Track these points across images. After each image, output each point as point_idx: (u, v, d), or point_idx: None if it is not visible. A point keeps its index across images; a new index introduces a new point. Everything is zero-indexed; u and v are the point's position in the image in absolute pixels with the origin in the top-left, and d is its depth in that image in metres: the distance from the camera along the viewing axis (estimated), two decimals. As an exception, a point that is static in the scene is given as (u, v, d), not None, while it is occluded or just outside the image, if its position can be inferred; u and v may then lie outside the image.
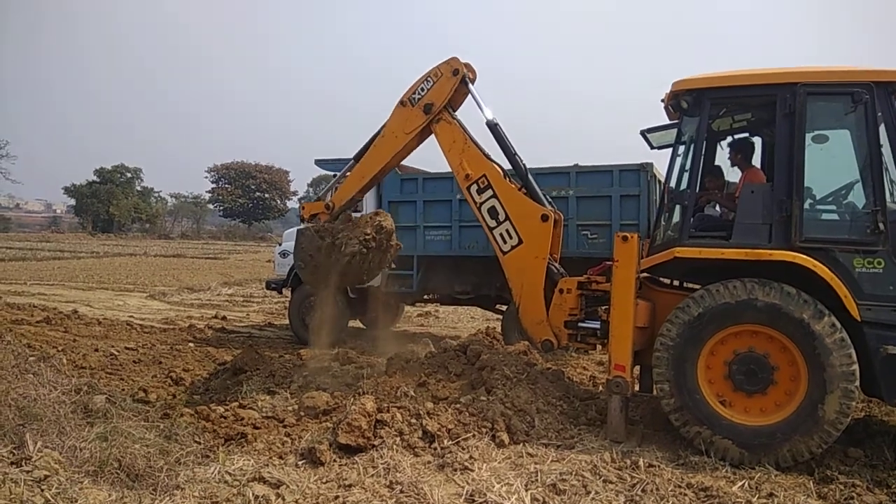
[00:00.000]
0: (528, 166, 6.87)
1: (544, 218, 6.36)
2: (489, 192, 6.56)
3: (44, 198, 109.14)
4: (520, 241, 6.41)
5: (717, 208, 6.22)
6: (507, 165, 6.93)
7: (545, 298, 6.25)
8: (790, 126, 5.13)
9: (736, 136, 6.32)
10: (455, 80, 6.73)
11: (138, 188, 76.36)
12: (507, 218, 6.47)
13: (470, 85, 6.81)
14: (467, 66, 6.80)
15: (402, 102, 6.93)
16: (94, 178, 72.76)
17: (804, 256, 4.96)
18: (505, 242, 6.49)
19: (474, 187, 6.64)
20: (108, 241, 51.98)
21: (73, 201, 76.18)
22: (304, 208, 7.79)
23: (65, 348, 8.94)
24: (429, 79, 6.81)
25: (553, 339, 6.16)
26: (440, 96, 6.77)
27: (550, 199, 6.89)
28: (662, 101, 5.97)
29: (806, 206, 5.21)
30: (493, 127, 6.79)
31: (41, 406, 4.89)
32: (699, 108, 5.50)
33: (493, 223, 6.55)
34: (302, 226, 7.73)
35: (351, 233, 7.02)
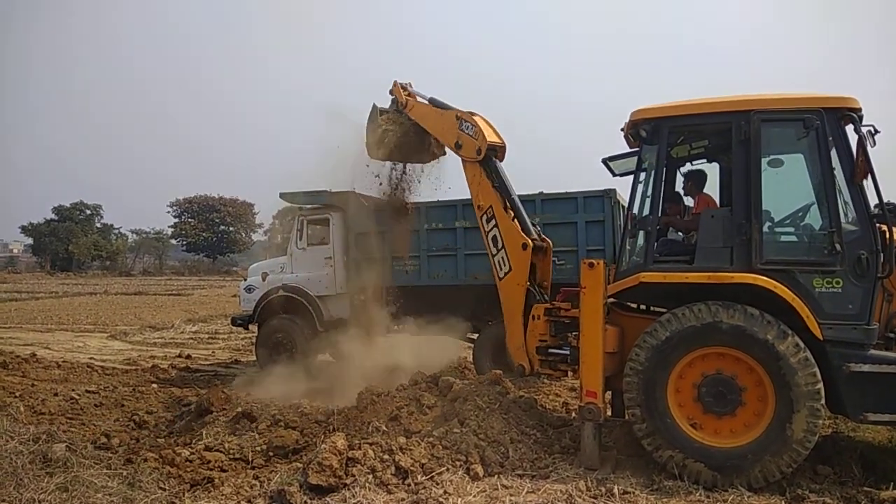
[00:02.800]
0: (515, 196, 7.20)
1: (524, 246, 6.66)
2: (493, 222, 6.99)
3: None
4: (510, 269, 6.72)
5: (679, 233, 6.34)
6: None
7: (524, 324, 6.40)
8: (746, 152, 5.27)
9: (688, 168, 6.48)
10: (474, 157, 7.13)
11: (98, 225, 74.77)
12: (503, 246, 6.85)
13: (493, 161, 7.14)
14: (501, 148, 7.23)
15: (457, 115, 7.36)
16: (53, 216, 71.11)
17: (765, 278, 5.06)
18: (500, 269, 6.86)
19: (484, 216, 7.11)
20: (68, 280, 50.58)
21: (30, 240, 74.18)
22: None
23: (22, 394, 8.64)
24: (474, 127, 7.14)
25: (526, 363, 6.33)
26: (465, 150, 7.22)
27: (539, 229, 7.22)
28: (622, 129, 6.10)
29: (765, 228, 5.34)
30: (489, 163, 7.13)
31: (-3, 458, 4.69)
32: (657, 136, 5.64)
33: (494, 250, 6.95)
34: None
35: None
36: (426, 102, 8.01)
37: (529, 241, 6.70)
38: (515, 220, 6.95)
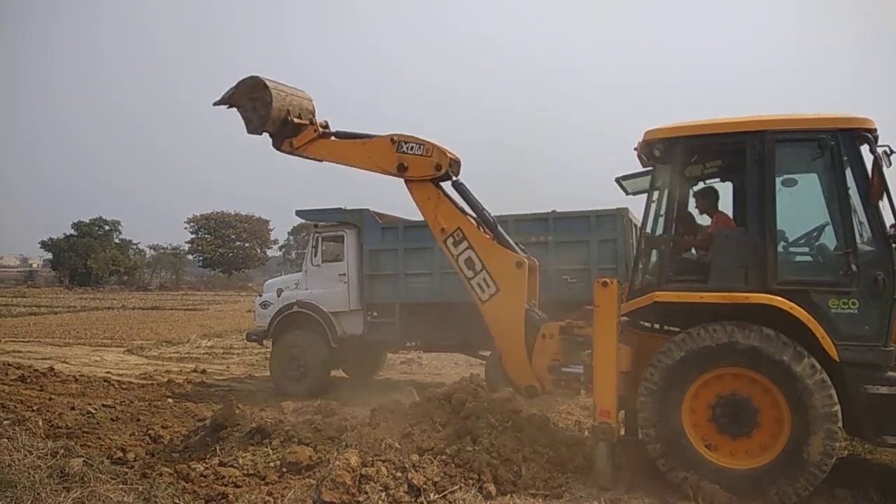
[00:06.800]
0: (495, 217, 7.04)
1: (519, 265, 6.49)
2: (465, 244, 6.68)
3: (20, 252, 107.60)
4: (497, 289, 6.50)
5: (694, 251, 6.33)
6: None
7: (526, 344, 6.27)
8: (760, 172, 5.28)
9: (700, 186, 6.48)
10: (432, 174, 6.80)
11: (116, 241, 75.65)
12: (483, 268, 6.58)
13: (455, 179, 6.90)
14: (451, 163, 6.85)
15: (392, 139, 6.97)
16: (72, 231, 72.07)
17: (780, 299, 5.04)
18: (483, 291, 6.57)
19: (450, 240, 6.76)
20: (86, 295, 51.11)
21: (49, 255, 75.15)
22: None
23: (40, 408, 8.74)
24: (421, 146, 6.84)
25: (537, 384, 6.19)
26: (415, 170, 6.86)
27: (524, 248, 7.01)
28: (635, 149, 6.12)
29: (779, 248, 5.33)
30: (459, 185, 6.95)
31: (15, 472, 4.77)
32: (671, 155, 5.67)
33: (470, 273, 6.65)
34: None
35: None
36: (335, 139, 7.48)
37: (524, 258, 6.57)
38: (495, 239, 6.76)
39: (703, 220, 6.56)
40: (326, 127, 7.55)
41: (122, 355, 16.61)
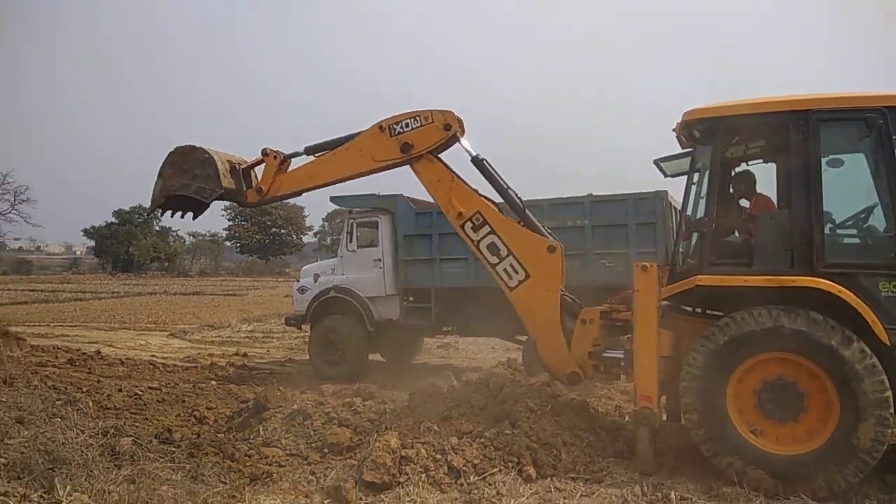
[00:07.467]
0: (524, 199, 6.72)
1: (551, 249, 6.22)
2: (486, 229, 6.34)
3: (64, 240, 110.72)
4: (527, 275, 6.26)
5: (735, 235, 6.20)
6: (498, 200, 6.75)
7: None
8: (804, 152, 5.13)
9: (735, 171, 6.31)
10: (445, 136, 6.43)
11: (156, 228, 77.36)
12: (509, 253, 6.28)
13: (460, 140, 6.56)
14: (460, 122, 6.50)
15: (380, 126, 6.53)
16: (113, 219, 73.90)
17: (828, 282, 4.91)
18: (511, 278, 6.28)
19: (469, 225, 6.40)
20: (128, 281, 52.47)
21: (92, 242, 77.26)
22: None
23: (89, 390, 9.02)
24: (417, 119, 6.45)
25: (579, 370, 6.06)
26: (423, 142, 6.45)
27: (551, 231, 6.72)
28: (674, 130, 6.00)
29: (826, 230, 5.18)
30: (480, 163, 6.59)
31: (69, 450, 4.94)
32: (712, 136, 5.54)
33: (494, 259, 6.33)
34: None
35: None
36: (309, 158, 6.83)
37: (556, 243, 6.30)
38: (521, 222, 6.45)
39: (744, 203, 6.41)
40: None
41: (166, 339, 17.05)
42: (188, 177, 6.57)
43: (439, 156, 6.63)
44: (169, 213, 6.98)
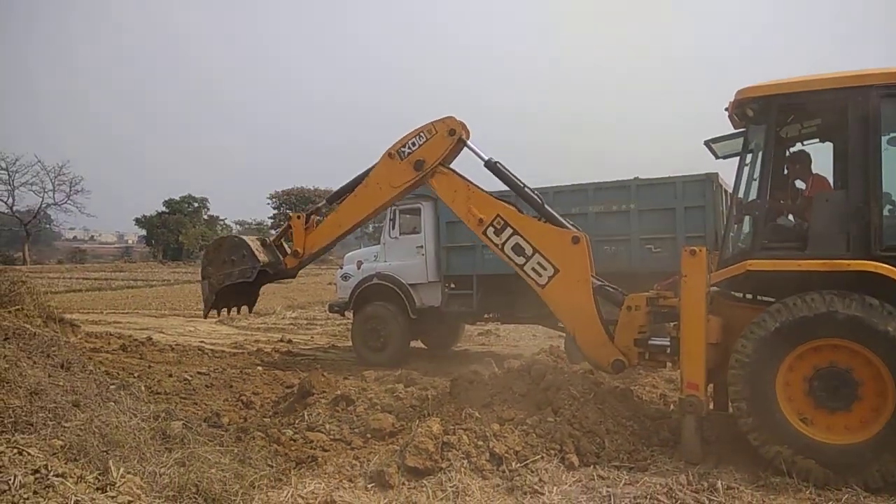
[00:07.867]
0: (540, 194, 6.72)
1: (575, 240, 6.17)
2: (508, 231, 6.35)
3: (116, 229, 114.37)
4: (556, 271, 6.21)
5: (791, 217, 5.99)
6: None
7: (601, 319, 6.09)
8: (864, 130, 4.91)
9: (790, 150, 6.08)
10: (451, 141, 6.55)
11: (205, 217, 79.14)
12: (535, 251, 6.26)
13: (468, 143, 6.64)
14: (462, 125, 6.60)
15: (389, 154, 6.73)
16: (163, 208, 75.89)
17: (886, 266, 4.70)
18: (540, 276, 6.25)
19: (490, 230, 6.43)
20: (178, 269, 53.87)
21: (143, 231, 79.54)
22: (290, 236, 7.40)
23: (141, 375, 9.28)
24: (421, 135, 6.61)
25: (623, 358, 5.95)
26: (433, 154, 6.58)
27: (572, 222, 6.66)
28: (726, 109, 5.81)
29: (885, 212, 4.97)
30: (494, 166, 6.61)
31: (123, 433, 5.08)
32: (766, 115, 5.35)
33: (521, 260, 6.32)
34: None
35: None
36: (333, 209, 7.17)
37: (580, 234, 6.24)
38: (542, 218, 6.44)
39: (800, 185, 6.18)
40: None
41: (214, 326, 17.44)
42: (227, 266, 7.01)
43: (452, 166, 6.74)
44: (225, 310, 7.54)
